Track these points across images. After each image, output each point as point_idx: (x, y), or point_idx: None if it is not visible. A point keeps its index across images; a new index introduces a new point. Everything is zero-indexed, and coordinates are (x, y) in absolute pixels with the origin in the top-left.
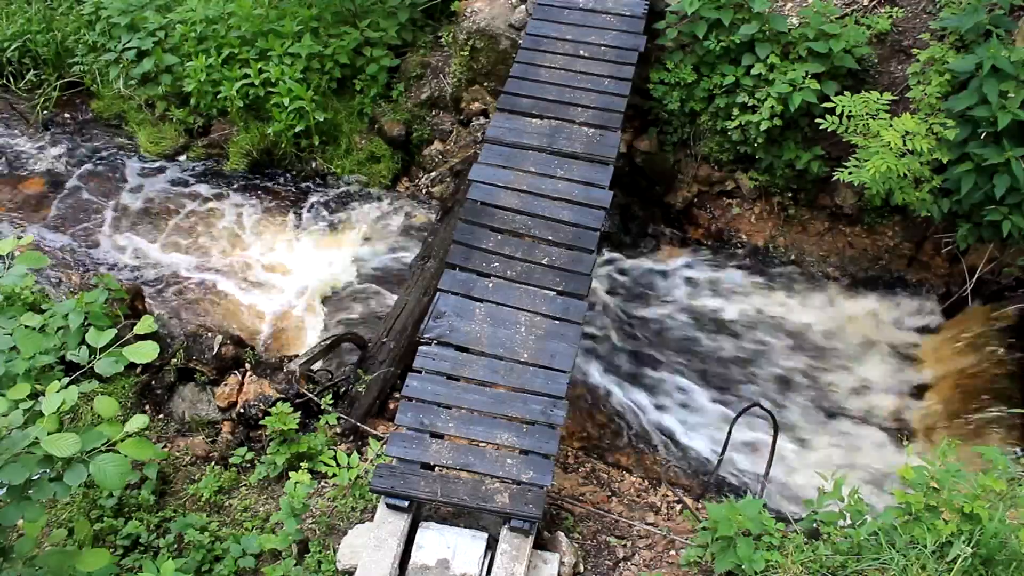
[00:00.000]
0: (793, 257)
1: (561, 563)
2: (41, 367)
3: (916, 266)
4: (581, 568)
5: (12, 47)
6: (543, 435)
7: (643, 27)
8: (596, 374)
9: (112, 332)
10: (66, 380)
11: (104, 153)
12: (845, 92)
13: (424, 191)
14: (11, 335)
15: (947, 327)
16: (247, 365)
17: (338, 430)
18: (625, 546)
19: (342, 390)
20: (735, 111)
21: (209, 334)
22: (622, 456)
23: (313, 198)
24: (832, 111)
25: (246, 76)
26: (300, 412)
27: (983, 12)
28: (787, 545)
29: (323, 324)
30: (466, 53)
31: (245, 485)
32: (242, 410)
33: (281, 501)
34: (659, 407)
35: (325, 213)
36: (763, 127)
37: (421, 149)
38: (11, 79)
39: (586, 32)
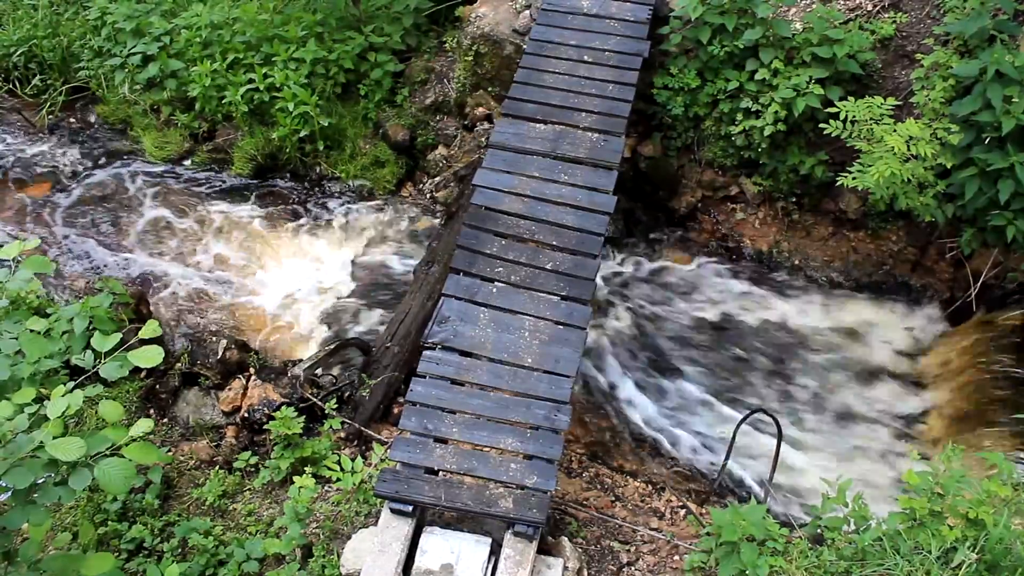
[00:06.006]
0: (797, 262)
1: (565, 568)
2: (46, 371)
3: (920, 271)
4: (585, 573)
5: (18, 52)
6: (547, 440)
7: (647, 32)
8: (600, 379)
9: (117, 336)
10: (71, 384)
11: (109, 158)
12: (849, 97)
13: (428, 196)
14: (16, 339)
15: (952, 332)
16: (251, 369)
17: (342, 435)
18: (629, 551)
19: (346, 395)
20: (739, 116)
21: (213, 338)
22: (626, 461)
23: (317, 203)
24: (836, 116)
25: (251, 81)
26: (304, 416)
27: (987, 17)
28: (791, 551)
29: (327, 329)
30: (470, 58)
31: (249, 489)
32: (246, 414)
33: (285, 505)
34: (663, 412)
35: (329, 218)
36: (767, 132)
37: (425, 154)
38: (17, 84)
39: (590, 37)
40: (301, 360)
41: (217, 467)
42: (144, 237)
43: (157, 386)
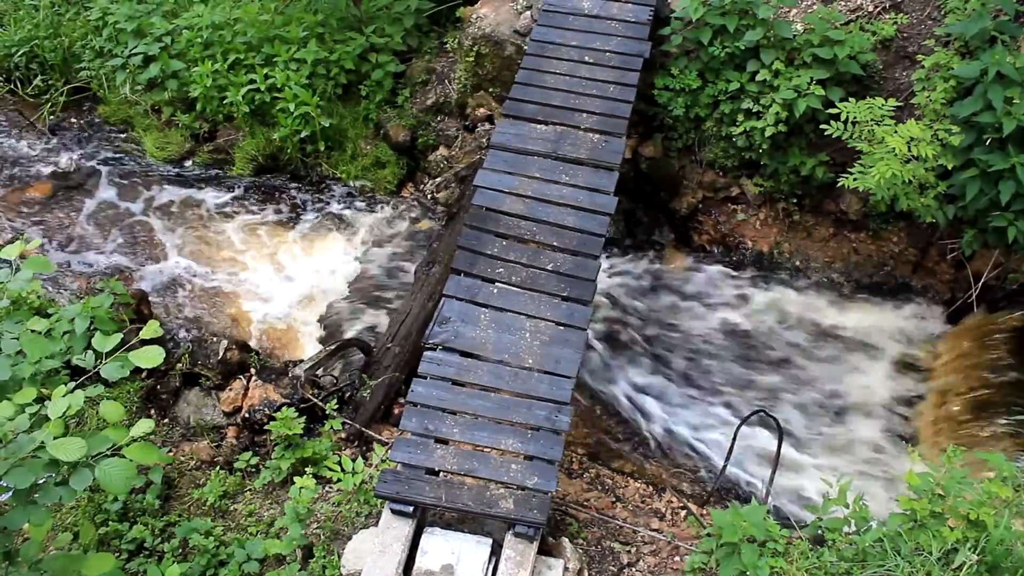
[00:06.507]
0: (798, 263)
1: (565, 569)
2: (47, 371)
3: (921, 272)
4: (586, 574)
5: (19, 53)
6: (548, 441)
7: (648, 33)
8: (601, 379)
9: (118, 337)
10: (72, 384)
11: (110, 158)
12: (850, 98)
13: (429, 197)
14: (17, 339)
15: (952, 333)
16: (252, 370)
17: (343, 435)
18: (630, 552)
19: (347, 395)
20: (740, 117)
21: (214, 339)
22: (626, 462)
23: (318, 203)
24: (837, 117)
25: (252, 82)
26: (305, 417)
27: (988, 18)
28: (792, 552)
29: (328, 329)
30: (471, 59)
31: (250, 490)
32: (247, 415)
33: (286, 506)
34: (664, 413)
35: (330, 219)
36: (768, 133)
37: (426, 155)
38: (18, 84)
39: (591, 38)
40: (302, 360)
41: (218, 467)
42: (144, 237)
43: (158, 386)
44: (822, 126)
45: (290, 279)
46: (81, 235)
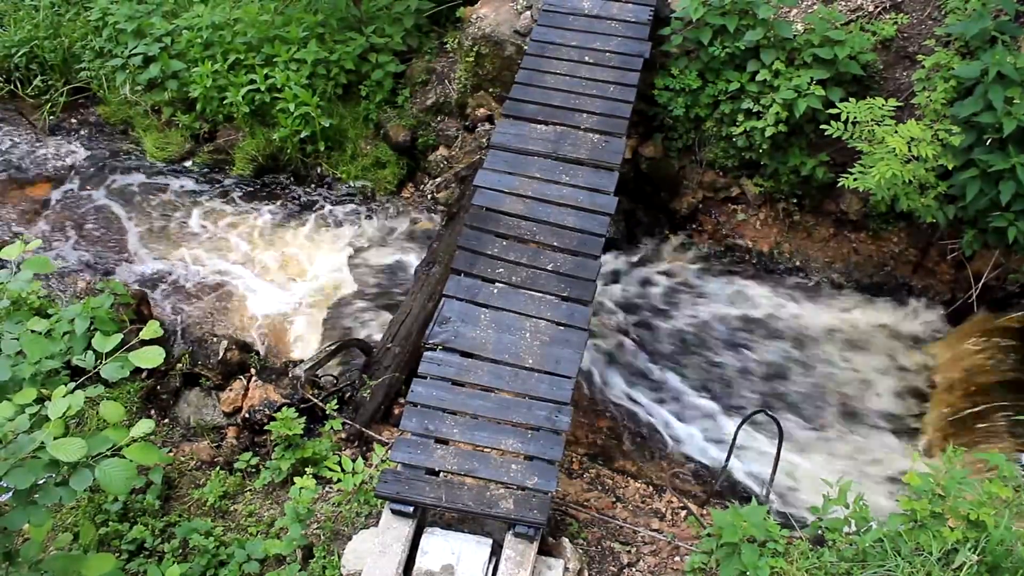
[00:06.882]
0: (798, 263)
1: (566, 569)
2: (47, 372)
3: (921, 272)
4: (586, 574)
5: (19, 53)
6: (548, 441)
7: (648, 33)
8: (601, 380)
9: (118, 337)
10: (72, 385)
11: (110, 158)
12: (850, 98)
13: (429, 197)
14: (18, 340)
15: (952, 333)
16: (252, 370)
17: (343, 435)
18: (630, 552)
19: (347, 395)
20: (740, 117)
21: (214, 339)
22: (627, 462)
23: (318, 204)
24: (837, 117)
25: (252, 82)
26: (305, 417)
27: (988, 18)
28: (792, 552)
29: (328, 329)
30: (471, 59)
31: (250, 490)
32: (247, 415)
33: (286, 506)
34: (664, 413)
35: (330, 219)
36: (768, 133)
37: (426, 155)
38: (18, 85)
39: (591, 38)
40: (302, 361)
41: (218, 468)
42: (144, 238)
43: (158, 387)
44: (822, 126)
45: (290, 279)
46: (79, 235)
